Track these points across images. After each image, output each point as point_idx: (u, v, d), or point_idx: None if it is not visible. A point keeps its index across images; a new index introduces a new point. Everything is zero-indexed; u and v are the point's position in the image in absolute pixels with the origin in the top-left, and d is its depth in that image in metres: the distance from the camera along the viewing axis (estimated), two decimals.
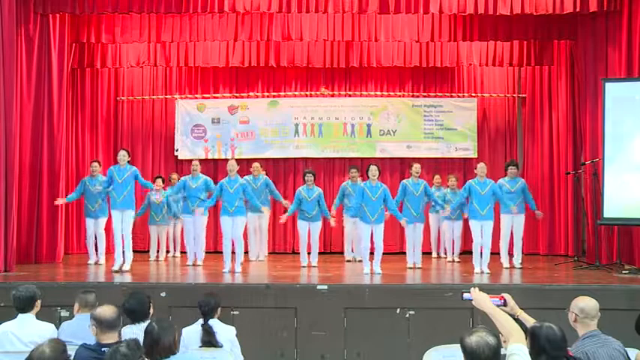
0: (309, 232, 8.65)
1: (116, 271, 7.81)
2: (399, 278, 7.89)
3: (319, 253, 8.90)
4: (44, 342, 3.02)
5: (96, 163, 8.92)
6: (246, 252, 8.98)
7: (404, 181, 8.85)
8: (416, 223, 8.62)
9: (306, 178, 8.71)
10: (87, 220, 8.88)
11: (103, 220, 8.78)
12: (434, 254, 9.90)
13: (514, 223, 8.60)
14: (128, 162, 8.18)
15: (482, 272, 7.91)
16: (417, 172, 8.75)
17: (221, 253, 8.36)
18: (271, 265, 9.03)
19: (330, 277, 7.81)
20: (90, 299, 4.50)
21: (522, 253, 8.76)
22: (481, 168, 8.30)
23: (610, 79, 8.47)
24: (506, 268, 8.47)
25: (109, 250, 9.00)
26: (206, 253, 9.13)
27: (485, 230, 8.11)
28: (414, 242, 8.66)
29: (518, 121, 11.04)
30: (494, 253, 8.42)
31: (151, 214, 9.48)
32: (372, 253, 8.11)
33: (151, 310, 4.29)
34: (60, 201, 8.70)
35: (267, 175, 9.75)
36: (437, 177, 9.90)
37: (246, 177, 8.97)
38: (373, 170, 8.07)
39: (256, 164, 9.49)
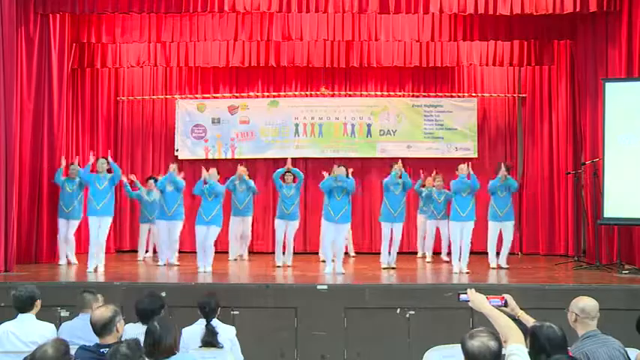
0: (285, 231, 8.76)
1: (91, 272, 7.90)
2: (399, 278, 7.90)
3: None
4: (47, 341, 2.98)
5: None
6: (225, 252, 9.01)
7: (384, 180, 8.80)
8: (394, 223, 8.59)
9: (285, 177, 8.84)
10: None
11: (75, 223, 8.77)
12: (419, 254, 9.86)
13: (503, 229, 8.62)
14: (108, 170, 8.28)
15: (460, 272, 7.91)
16: (400, 171, 8.61)
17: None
18: (271, 265, 9.02)
19: (331, 277, 7.81)
20: (86, 299, 4.51)
21: (522, 253, 8.76)
22: (461, 169, 8.30)
23: (610, 79, 8.47)
24: (493, 268, 8.48)
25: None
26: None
27: (466, 231, 8.11)
28: (393, 241, 8.60)
29: (519, 121, 11.03)
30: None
31: (143, 212, 9.49)
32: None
33: (162, 314, 4.26)
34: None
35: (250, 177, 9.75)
36: (429, 179, 9.67)
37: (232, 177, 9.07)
38: (341, 169, 8.21)
39: (243, 168, 9.40)
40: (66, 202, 8.74)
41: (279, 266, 8.67)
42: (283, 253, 8.78)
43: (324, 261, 8.89)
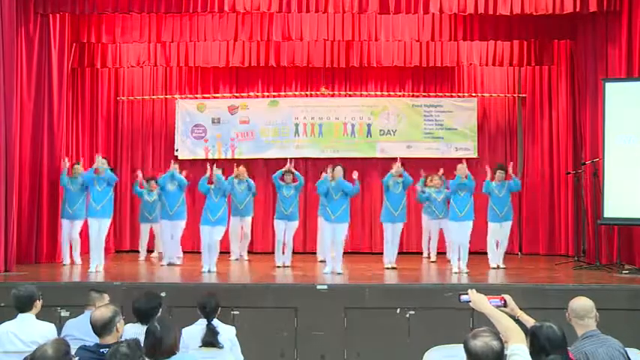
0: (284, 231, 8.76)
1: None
2: (399, 278, 7.90)
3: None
4: (48, 342, 2.97)
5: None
6: (227, 252, 9.00)
7: (383, 178, 8.84)
8: (395, 222, 8.64)
9: (285, 177, 8.85)
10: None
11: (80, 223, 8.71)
12: (424, 255, 9.84)
13: (501, 229, 8.65)
14: (111, 169, 8.31)
15: (460, 272, 7.91)
16: (397, 172, 8.67)
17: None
18: (271, 265, 9.02)
19: (330, 277, 7.80)
20: (91, 297, 4.58)
21: (522, 253, 8.77)
22: (461, 169, 8.25)
23: (610, 79, 8.47)
24: (493, 268, 8.49)
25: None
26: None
27: (464, 230, 8.09)
28: (392, 241, 8.65)
29: (519, 121, 11.03)
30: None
31: (143, 212, 9.48)
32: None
33: (159, 314, 4.27)
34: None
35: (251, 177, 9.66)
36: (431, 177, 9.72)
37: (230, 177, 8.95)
38: (339, 171, 8.20)
39: (242, 168, 9.28)
40: (70, 202, 8.67)
41: (279, 266, 8.66)
42: (283, 253, 8.77)
43: (322, 261, 8.90)
